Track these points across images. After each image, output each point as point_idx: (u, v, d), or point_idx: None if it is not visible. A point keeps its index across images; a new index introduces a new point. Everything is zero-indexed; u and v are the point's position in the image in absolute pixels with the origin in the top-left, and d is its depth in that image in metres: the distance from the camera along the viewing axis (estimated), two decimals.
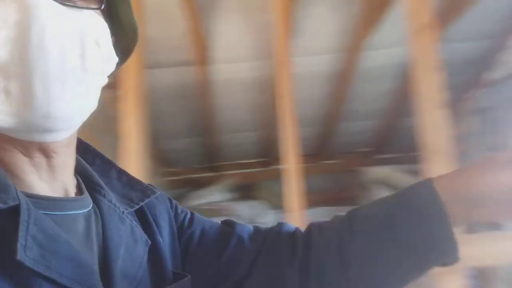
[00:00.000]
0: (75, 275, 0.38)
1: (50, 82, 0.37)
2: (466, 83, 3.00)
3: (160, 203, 0.58)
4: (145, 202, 0.54)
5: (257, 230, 0.60)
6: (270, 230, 0.59)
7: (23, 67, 0.35)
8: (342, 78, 3.01)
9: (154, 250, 0.52)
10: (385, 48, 2.90)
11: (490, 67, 2.90)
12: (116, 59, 0.47)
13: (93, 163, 0.54)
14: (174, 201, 0.62)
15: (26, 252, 0.35)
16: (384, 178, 3.36)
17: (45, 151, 0.43)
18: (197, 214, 0.62)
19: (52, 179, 0.45)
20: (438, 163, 1.30)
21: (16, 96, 0.36)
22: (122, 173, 0.55)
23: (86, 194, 0.49)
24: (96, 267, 0.43)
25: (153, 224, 0.55)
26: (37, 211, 0.39)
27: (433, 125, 1.32)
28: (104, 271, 0.44)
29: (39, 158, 0.43)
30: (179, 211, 0.61)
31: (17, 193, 0.37)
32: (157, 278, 0.50)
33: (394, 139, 3.84)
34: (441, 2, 1.92)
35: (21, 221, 0.36)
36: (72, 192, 0.48)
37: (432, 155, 1.31)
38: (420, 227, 0.47)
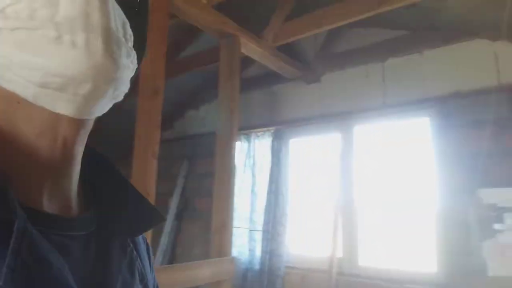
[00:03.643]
0: None
1: (110, 39, 0.38)
2: None
3: (142, 241, 0.55)
4: (149, 229, 0.51)
5: None
6: None
7: (89, 23, 0.37)
8: None
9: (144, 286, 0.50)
10: None
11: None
12: (135, 65, 0.46)
13: (103, 174, 0.50)
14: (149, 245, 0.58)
15: (12, 279, 0.32)
16: None
17: (68, 135, 0.41)
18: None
19: (57, 187, 0.42)
20: None
21: (82, 47, 0.36)
22: (133, 191, 0.51)
23: (91, 212, 0.46)
24: None
25: (142, 257, 0.52)
26: (33, 231, 0.35)
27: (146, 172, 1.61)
28: None
29: (55, 146, 0.40)
30: (151, 257, 0.57)
31: (15, 205, 0.34)
32: None
33: None
34: None
35: (13, 242, 0.33)
36: (74, 206, 0.44)
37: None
38: None
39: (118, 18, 0.40)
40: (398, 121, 2.69)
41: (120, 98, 0.43)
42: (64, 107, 0.38)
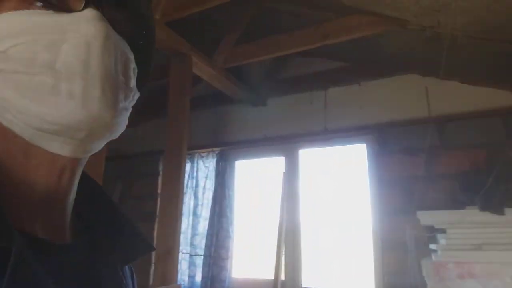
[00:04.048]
0: None
1: (108, 86, 0.38)
2: None
3: (127, 268, 0.54)
4: (139, 258, 0.51)
5: None
6: None
7: (88, 70, 0.37)
8: None
9: None
10: None
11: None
12: (135, 101, 0.46)
13: (96, 203, 0.50)
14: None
15: None
16: None
17: (64, 169, 0.41)
18: None
19: (52, 214, 0.42)
20: None
21: (79, 98, 0.37)
22: (125, 219, 0.51)
23: (83, 239, 0.45)
24: None
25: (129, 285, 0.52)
26: (29, 258, 0.35)
27: None
28: None
29: (50, 178, 0.40)
30: (136, 284, 0.56)
31: (13, 233, 0.34)
32: None
33: None
34: None
35: (8, 272, 0.32)
36: (67, 232, 0.44)
37: None
38: None
39: (121, 56, 0.41)
40: (338, 146, 2.81)
41: (117, 135, 0.44)
42: (59, 148, 0.39)
